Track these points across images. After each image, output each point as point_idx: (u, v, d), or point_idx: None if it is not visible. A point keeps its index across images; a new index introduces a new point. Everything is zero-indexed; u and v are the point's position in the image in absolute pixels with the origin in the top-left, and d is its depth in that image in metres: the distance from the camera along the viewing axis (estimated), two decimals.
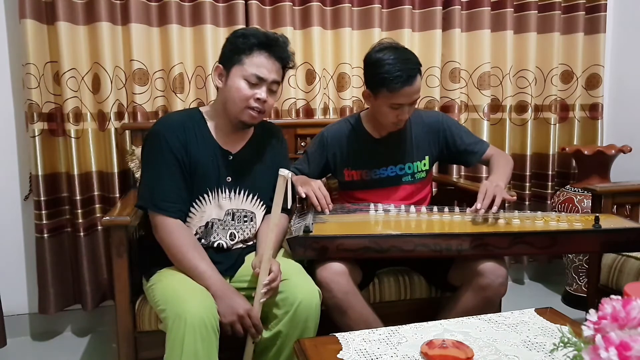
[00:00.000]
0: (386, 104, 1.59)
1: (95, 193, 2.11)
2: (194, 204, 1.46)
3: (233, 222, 1.50)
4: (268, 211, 1.57)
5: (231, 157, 1.49)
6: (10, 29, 2.04)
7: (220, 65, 1.45)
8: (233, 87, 1.40)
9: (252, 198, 1.53)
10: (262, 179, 1.53)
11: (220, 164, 1.47)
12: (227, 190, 1.48)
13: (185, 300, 1.26)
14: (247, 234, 1.54)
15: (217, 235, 1.49)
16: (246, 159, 1.51)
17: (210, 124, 1.49)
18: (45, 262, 2.07)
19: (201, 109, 1.54)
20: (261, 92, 1.40)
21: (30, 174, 2.06)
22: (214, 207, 1.48)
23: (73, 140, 2.03)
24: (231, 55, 1.42)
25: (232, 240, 1.51)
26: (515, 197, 1.60)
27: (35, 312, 2.17)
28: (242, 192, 1.51)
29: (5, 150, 2.11)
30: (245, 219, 1.52)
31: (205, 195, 1.46)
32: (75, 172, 2.05)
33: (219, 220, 1.49)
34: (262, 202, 1.55)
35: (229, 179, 1.48)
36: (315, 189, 1.59)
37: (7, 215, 2.14)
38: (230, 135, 1.50)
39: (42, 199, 2.03)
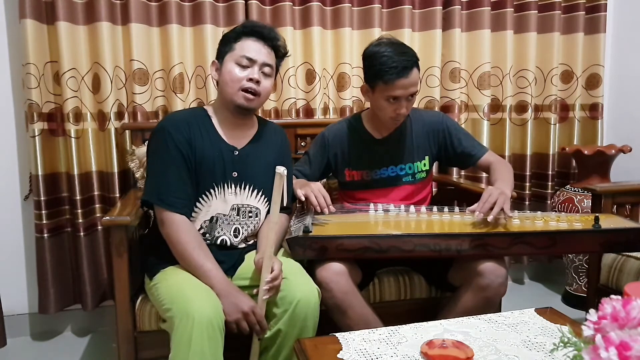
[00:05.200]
0: (383, 97, 1.59)
1: (95, 193, 2.11)
2: (200, 199, 1.47)
3: (238, 217, 1.51)
4: (269, 211, 1.57)
5: (237, 152, 1.51)
6: (10, 29, 2.04)
7: (215, 60, 1.52)
8: (226, 72, 1.46)
9: (257, 194, 1.53)
10: (266, 175, 1.53)
11: (225, 159, 1.49)
12: (232, 185, 1.50)
13: (193, 299, 1.26)
14: (252, 229, 1.54)
15: (222, 230, 1.49)
16: (251, 155, 1.53)
17: (214, 120, 1.52)
18: (45, 262, 2.07)
19: (205, 107, 1.58)
20: (253, 73, 1.44)
21: (30, 174, 2.06)
22: (220, 201, 1.49)
23: (73, 140, 2.03)
24: (223, 47, 1.49)
25: (236, 236, 1.51)
26: (515, 216, 1.56)
27: (35, 312, 2.16)
28: (247, 187, 1.52)
29: (5, 150, 2.11)
30: (250, 214, 1.53)
31: (212, 190, 1.48)
32: (75, 172, 2.05)
33: (224, 215, 1.49)
34: (265, 199, 1.56)
35: (235, 174, 1.50)
36: (315, 190, 1.58)
37: (7, 215, 2.14)
38: (234, 130, 1.52)
39: (42, 198, 2.03)
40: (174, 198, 1.41)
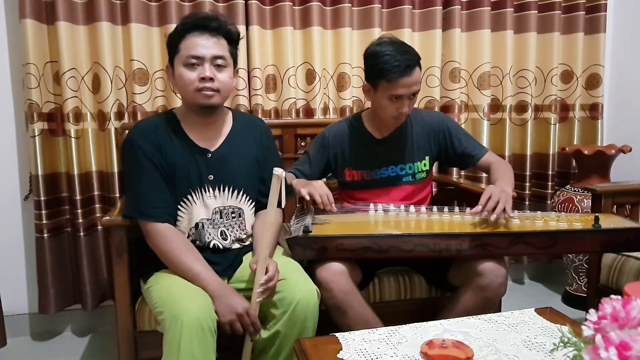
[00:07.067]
0: (385, 96, 1.59)
1: (95, 193, 2.11)
2: (180, 206, 1.46)
3: (222, 219, 1.49)
4: (258, 207, 1.57)
5: (210, 154, 1.48)
6: (10, 29, 2.04)
7: (168, 65, 1.47)
8: (178, 77, 1.41)
9: (238, 194, 1.51)
10: (246, 173, 1.52)
11: (199, 163, 1.46)
12: (210, 189, 1.47)
13: (182, 302, 1.26)
14: (237, 230, 1.52)
15: (210, 235, 1.48)
16: (226, 155, 1.49)
17: (184, 124, 1.48)
18: (45, 262, 2.07)
19: (174, 110, 1.53)
20: (204, 71, 1.37)
21: (30, 174, 2.06)
22: (201, 207, 1.47)
23: (73, 140, 2.03)
24: (170, 50, 1.43)
25: (224, 239, 1.50)
26: (515, 216, 1.52)
27: (35, 312, 2.17)
28: (227, 189, 1.49)
29: (5, 150, 2.11)
30: (234, 215, 1.51)
31: (190, 197, 1.46)
32: (75, 172, 2.05)
33: (208, 219, 1.48)
34: (248, 197, 1.53)
35: (211, 177, 1.47)
36: (318, 188, 1.58)
37: (7, 215, 2.14)
38: (205, 132, 1.49)
39: (42, 199, 2.03)
40: (154, 209, 1.40)
